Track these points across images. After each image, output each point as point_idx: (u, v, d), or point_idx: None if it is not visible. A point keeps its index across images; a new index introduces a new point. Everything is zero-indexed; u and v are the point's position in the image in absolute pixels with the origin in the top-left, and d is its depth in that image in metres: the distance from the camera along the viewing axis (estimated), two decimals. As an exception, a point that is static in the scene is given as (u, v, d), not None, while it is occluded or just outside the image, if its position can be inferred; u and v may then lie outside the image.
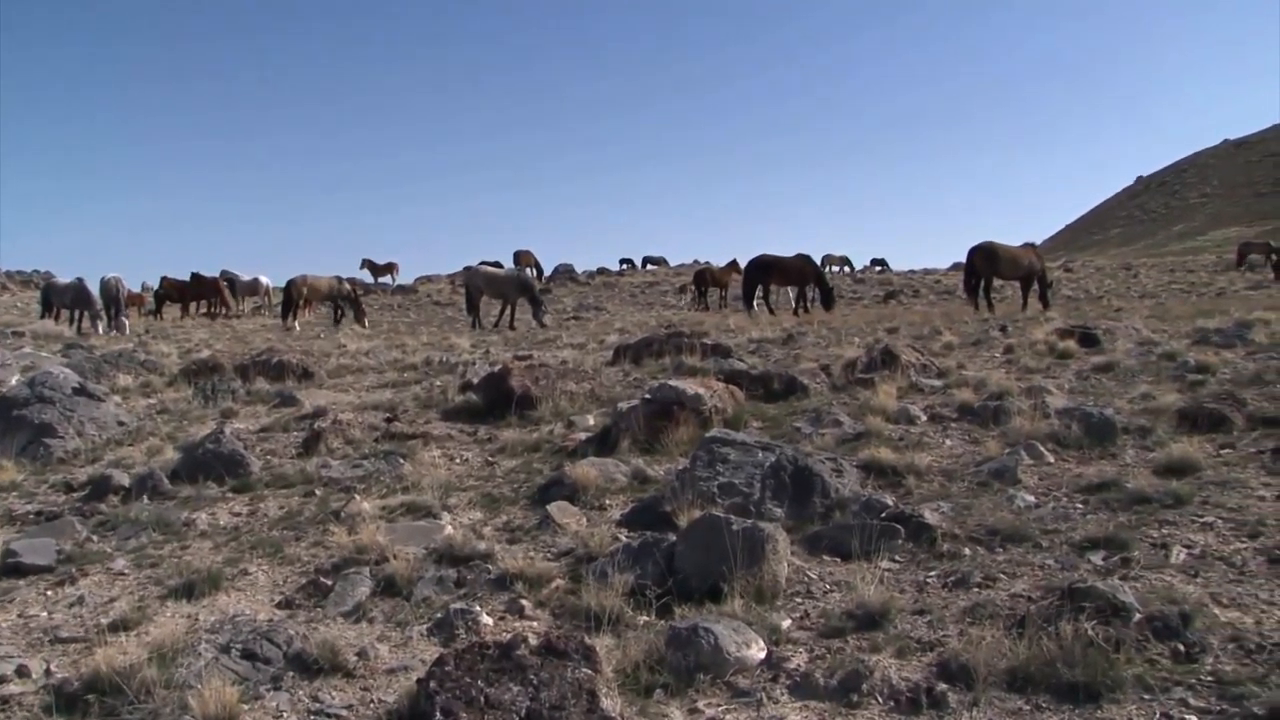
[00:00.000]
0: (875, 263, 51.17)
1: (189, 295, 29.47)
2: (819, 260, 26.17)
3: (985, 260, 19.35)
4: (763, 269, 22.36)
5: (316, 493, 6.45)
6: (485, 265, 26.27)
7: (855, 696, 3.28)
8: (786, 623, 3.91)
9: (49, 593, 4.88)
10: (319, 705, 3.49)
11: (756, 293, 22.70)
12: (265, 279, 33.84)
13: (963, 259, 20.53)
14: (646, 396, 7.41)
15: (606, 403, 8.58)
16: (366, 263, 43.77)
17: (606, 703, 3.19)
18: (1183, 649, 3.34)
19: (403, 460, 6.94)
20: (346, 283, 26.04)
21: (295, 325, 23.35)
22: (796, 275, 22.89)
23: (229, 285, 31.33)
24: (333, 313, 25.84)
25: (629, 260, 50.05)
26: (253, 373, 10.91)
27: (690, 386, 7.43)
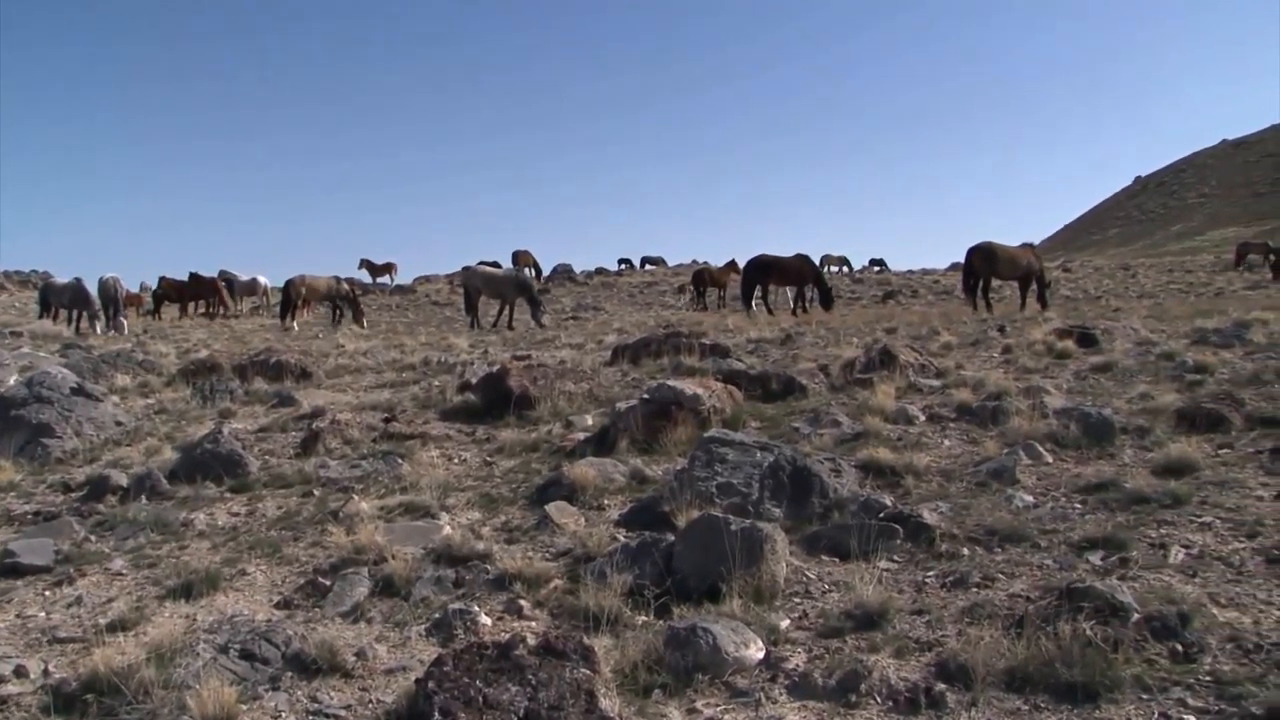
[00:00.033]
0: (874, 263, 51.16)
1: (187, 295, 29.42)
2: (818, 260, 26.16)
3: (984, 260, 19.36)
4: (761, 269, 22.35)
5: (315, 493, 6.45)
6: (483, 265, 26.21)
7: (854, 696, 3.28)
8: (785, 623, 3.91)
9: (47, 593, 4.87)
10: (317, 705, 3.49)
11: (755, 293, 22.67)
12: (263, 279, 33.81)
13: (961, 259, 20.55)
14: (645, 396, 7.41)
15: (605, 403, 8.58)
16: (365, 263, 43.74)
17: (605, 703, 3.19)
18: (1181, 649, 3.34)
19: (401, 460, 6.94)
20: (345, 283, 26.00)
21: (293, 325, 23.32)
22: (795, 275, 22.88)
23: (227, 285, 31.27)
24: (331, 313, 25.82)
25: (627, 260, 50.00)
26: (251, 373, 10.90)
27: (689, 386, 7.43)
